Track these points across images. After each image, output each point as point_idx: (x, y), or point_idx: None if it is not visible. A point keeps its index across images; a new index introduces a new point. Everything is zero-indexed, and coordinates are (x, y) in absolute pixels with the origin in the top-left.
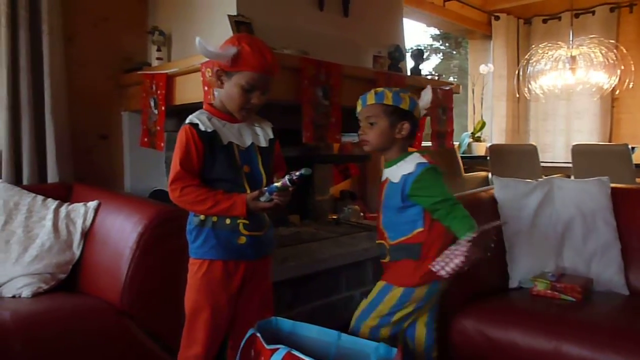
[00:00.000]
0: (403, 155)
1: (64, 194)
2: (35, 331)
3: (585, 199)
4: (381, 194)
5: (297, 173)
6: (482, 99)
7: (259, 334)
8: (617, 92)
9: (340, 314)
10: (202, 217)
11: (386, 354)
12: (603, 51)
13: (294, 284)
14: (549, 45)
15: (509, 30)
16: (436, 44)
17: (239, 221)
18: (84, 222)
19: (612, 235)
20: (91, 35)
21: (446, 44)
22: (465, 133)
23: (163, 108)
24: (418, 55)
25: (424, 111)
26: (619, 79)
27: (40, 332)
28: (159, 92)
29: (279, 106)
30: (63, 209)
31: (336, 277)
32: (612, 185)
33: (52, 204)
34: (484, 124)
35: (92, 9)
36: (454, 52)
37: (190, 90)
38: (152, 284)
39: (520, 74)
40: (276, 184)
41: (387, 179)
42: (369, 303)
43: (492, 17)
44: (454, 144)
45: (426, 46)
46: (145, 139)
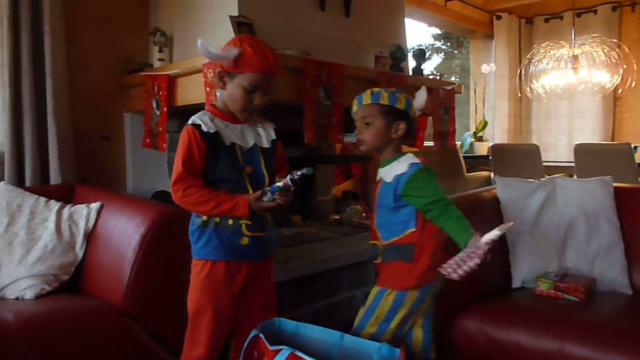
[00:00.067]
0: (397, 155)
1: (66, 195)
2: (39, 332)
3: (588, 198)
4: (375, 194)
5: (299, 173)
6: (484, 98)
7: (262, 335)
8: (619, 91)
9: (343, 314)
10: (204, 217)
11: (389, 355)
12: (605, 50)
13: (296, 285)
14: (551, 44)
15: (510, 29)
16: (438, 43)
17: (241, 222)
18: (86, 224)
19: (615, 235)
20: (93, 36)
21: (448, 44)
22: (468, 133)
23: (165, 109)
24: (420, 55)
25: (418, 112)
26: (621, 78)
27: (43, 334)
28: (161, 93)
29: (281, 107)
30: (66, 211)
31: (338, 278)
32: (615, 184)
33: (54, 205)
34: (486, 124)
35: (94, 10)
36: (455, 51)
37: (192, 91)
38: (155, 285)
39: (522, 73)
40: (278, 183)
41: (380, 178)
42: (366, 310)
43: (494, 17)
44: (456, 143)
45: (428, 46)
46: (148, 140)
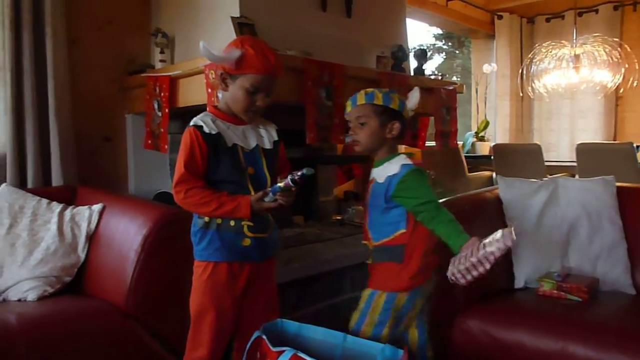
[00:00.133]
0: (390, 156)
1: (68, 196)
2: (41, 334)
3: (590, 198)
4: (367, 194)
5: (299, 173)
6: (485, 98)
7: (264, 336)
8: (621, 91)
9: (345, 315)
10: (206, 219)
11: (392, 356)
12: (607, 50)
13: (298, 286)
14: (553, 44)
15: (512, 29)
16: (439, 43)
17: (243, 223)
18: (88, 225)
19: (618, 234)
20: (95, 38)
21: (449, 44)
22: (469, 133)
23: (167, 110)
24: (421, 55)
25: (411, 112)
26: (623, 77)
27: (45, 335)
28: (162, 94)
29: (283, 107)
30: (68, 212)
31: (341, 278)
32: (617, 184)
33: (56, 207)
34: (487, 124)
35: (95, 11)
36: (456, 51)
37: (193, 92)
38: (158, 287)
39: (524, 73)
40: (279, 184)
41: (373, 178)
42: (359, 314)
43: (495, 17)
44: (457, 143)
45: (429, 46)
46: (149, 141)
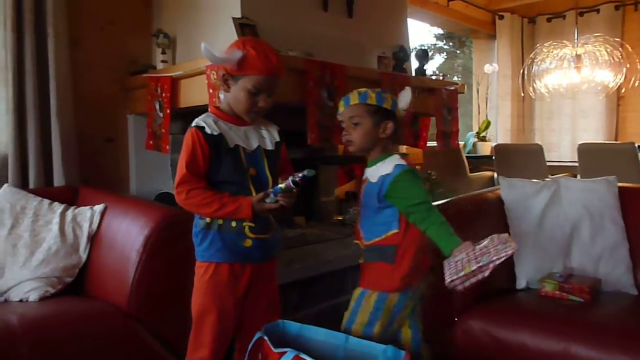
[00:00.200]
0: (384, 155)
1: (70, 197)
2: (43, 335)
3: (592, 198)
4: (360, 193)
5: (300, 174)
6: (486, 98)
7: (266, 337)
8: (622, 91)
9: None
10: (207, 220)
11: (394, 357)
12: (608, 49)
13: (300, 286)
14: (554, 44)
15: (513, 29)
16: (440, 43)
17: (244, 224)
18: (90, 226)
19: (620, 235)
20: (96, 38)
21: (450, 44)
22: (470, 133)
23: (168, 111)
24: (423, 55)
25: (403, 112)
26: (625, 77)
27: (47, 336)
28: (164, 94)
29: (284, 108)
30: (69, 213)
31: (342, 279)
32: (619, 184)
33: (58, 207)
34: (489, 124)
35: (97, 12)
36: (458, 51)
37: (195, 92)
38: (159, 287)
39: (525, 73)
40: (280, 185)
41: (366, 178)
42: (350, 313)
43: (496, 17)
44: (459, 143)
45: (430, 46)
46: (151, 142)
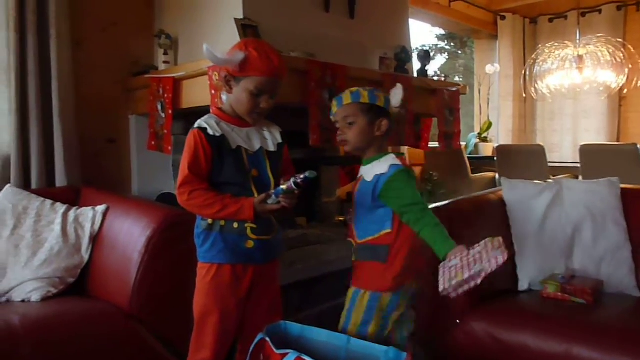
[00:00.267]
0: (379, 155)
1: (72, 197)
2: (45, 335)
3: (594, 200)
4: (354, 191)
5: (302, 176)
6: (488, 99)
7: (268, 339)
8: (624, 91)
9: None
10: (209, 221)
11: (396, 358)
12: (610, 50)
13: (301, 287)
14: (556, 44)
15: (515, 29)
16: (441, 43)
17: (246, 225)
18: (92, 226)
19: (622, 236)
20: (99, 39)
21: (451, 44)
22: (472, 133)
23: (170, 111)
24: (425, 56)
25: (395, 109)
26: (627, 77)
27: (49, 336)
28: (166, 95)
29: (286, 109)
30: (71, 213)
31: (344, 279)
32: (622, 186)
33: (60, 208)
34: (490, 124)
35: (99, 13)
36: (459, 51)
37: (197, 93)
38: (161, 288)
39: (527, 73)
40: (282, 186)
41: (361, 176)
42: (346, 314)
43: (498, 17)
44: (461, 144)
45: (431, 46)
46: (153, 143)
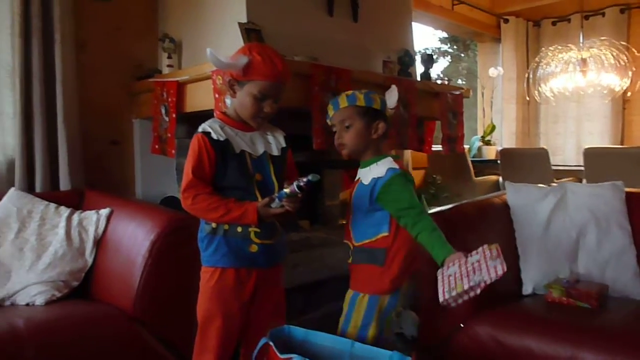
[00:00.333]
0: (377, 157)
1: (76, 200)
2: (49, 338)
3: (599, 203)
4: (351, 194)
5: (305, 179)
6: (491, 102)
7: (271, 343)
8: (628, 94)
9: None
10: (213, 225)
11: None
12: (614, 53)
13: (304, 290)
14: (559, 47)
15: (518, 32)
16: (444, 46)
17: (250, 229)
18: (96, 230)
19: (627, 240)
20: (103, 43)
21: (455, 47)
22: (475, 137)
23: (174, 115)
24: (428, 60)
25: (390, 111)
26: (631, 80)
27: (53, 339)
28: (169, 99)
29: (289, 112)
30: (75, 217)
31: (347, 283)
32: (626, 189)
33: (64, 211)
34: (494, 128)
35: (103, 17)
36: (462, 54)
37: (201, 97)
38: (165, 292)
39: (530, 76)
40: (285, 190)
41: (359, 179)
42: (344, 318)
43: (501, 20)
44: (464, 147)
45: (434, 49)
46: (156, 146)
